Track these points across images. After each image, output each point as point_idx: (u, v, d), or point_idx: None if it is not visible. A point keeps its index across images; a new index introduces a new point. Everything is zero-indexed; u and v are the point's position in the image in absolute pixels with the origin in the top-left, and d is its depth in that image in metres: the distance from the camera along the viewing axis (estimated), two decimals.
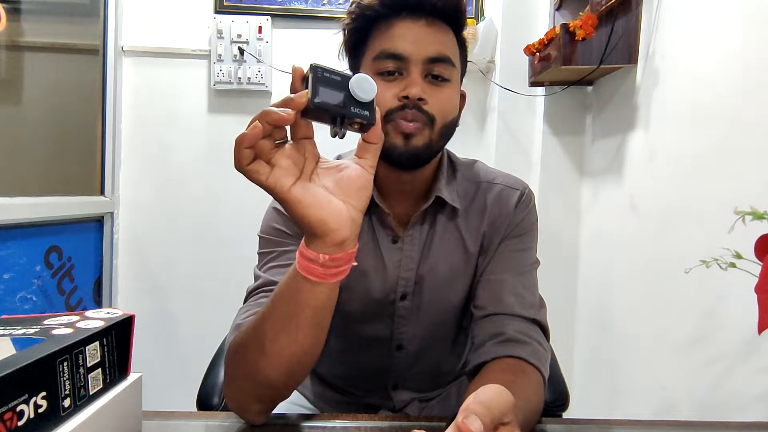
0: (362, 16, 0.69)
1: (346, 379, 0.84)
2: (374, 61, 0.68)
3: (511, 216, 0.75)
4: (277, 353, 0.54)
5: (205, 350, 0.94)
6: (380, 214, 0.74)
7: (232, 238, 1.79)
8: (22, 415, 0.37)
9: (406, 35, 0.67)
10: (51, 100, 1.62)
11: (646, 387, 1.15)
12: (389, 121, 0.66)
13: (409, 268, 0.75)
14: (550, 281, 0.80)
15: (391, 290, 0.75)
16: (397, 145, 0.66)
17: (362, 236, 0.74)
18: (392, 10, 0.68)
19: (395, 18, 0.68)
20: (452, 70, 0.69)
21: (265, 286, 0.68)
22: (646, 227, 1.18)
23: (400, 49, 0.66)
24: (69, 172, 1.67)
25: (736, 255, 0.59)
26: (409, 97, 0.65)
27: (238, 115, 1.79)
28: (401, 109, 0.66)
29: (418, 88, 0.65)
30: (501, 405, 0.38)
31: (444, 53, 0.67)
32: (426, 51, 0.66)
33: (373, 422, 0.60)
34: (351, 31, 0.71)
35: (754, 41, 0.86)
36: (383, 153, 0.64)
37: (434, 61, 0.67)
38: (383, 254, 0.74)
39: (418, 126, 0.66)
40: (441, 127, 0.68)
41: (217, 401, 0.81)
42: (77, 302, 1.55)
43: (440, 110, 0.67)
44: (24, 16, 1.53)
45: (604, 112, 1.44)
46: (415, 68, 0.66)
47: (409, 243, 0.74)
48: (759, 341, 0.79)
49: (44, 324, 0.48)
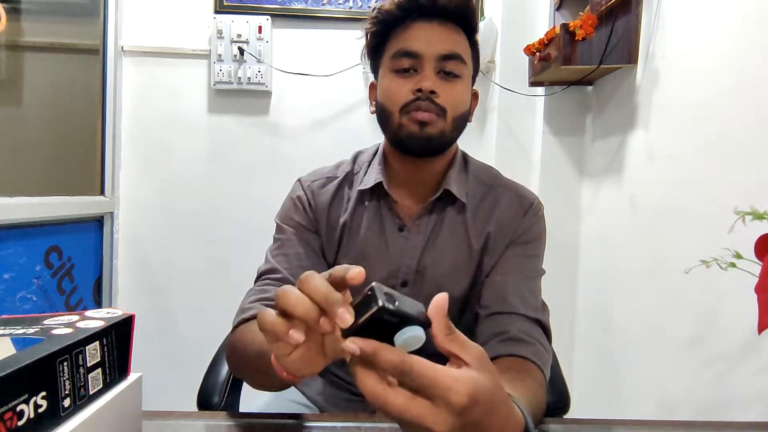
0: (382, 21, 0.76)
1: (343, 365, 0.85)
2: (392, 60, 0.75)
3: (519, 222, 0.78)
4: (255, 381, 0.64)
5: (205, 350, 0.93)
6: (389, 201, 0.79)
7: (232, 237, 1.78)
8: (22, 415, 0.37)
9: (420, 36, 0.73)
10: (51, 100, 1.62)
11: (646, 387, 1.15)
12: (405, 113, 0.73)
13: (412, 256, 0.78)
14: (550, 281, 0.80)
15: (392, 275, 0.78)
16: (412, 131, 0.72)
17: (369, 221, 0.79)
18: (408, 13, 0.74)
19: (411, 21, 0.75)
20: (463, 67, 0.75)
21: (269, 273, 0.76)
22: (646, 227, 1.18)
23: (414, 47, 0.73)
24: (69, 172, 1.67)
25: (736, 255, 0.59)
26: (422, 90, 0.71)
27: (238, 115, 1.79)
28: (414, 101, 0.72)
29: (430, 82, 0.71)
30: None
31: (455, 51, 0.73)
32: (438, 49, 0.73)
33: (373, 422, 0.60)
34: (372, 35, 0.79)
35: (753, 41, 0.86)
36: (399, 141, 0.75)
37: (446, 58, 0.73)
38: (388, 240, 0.78)
39: (432, 116, 0.72)
40: (453, 119, 0.74)
41: (217, 401, 0.81)
42: (77, 302, 1.55)
43: (451, 103, 0.73)
44: (24, 16, 1.53)
45: (604, 112, 1.44)
46: (428, 65, 0.73)
47: (415, 232, 0.78)
48: (759, 341, 0.79)
49: (44, 324, 0.48)
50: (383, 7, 0.75)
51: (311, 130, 1.81)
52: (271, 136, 1.80)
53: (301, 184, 0.83)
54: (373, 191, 0.80)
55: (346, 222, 0.80)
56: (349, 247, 0.80)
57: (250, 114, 1.79)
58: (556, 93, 1.52)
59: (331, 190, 0.81)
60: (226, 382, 0.83)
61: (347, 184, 0.82)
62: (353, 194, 0.81)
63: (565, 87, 1.49)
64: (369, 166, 0.82)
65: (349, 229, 0.80)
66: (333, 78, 1.76)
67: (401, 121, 0.73)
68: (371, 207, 0.80)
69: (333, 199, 0.81)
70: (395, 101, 0.74)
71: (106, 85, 1.67)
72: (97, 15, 1.66)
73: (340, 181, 0.82)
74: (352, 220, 0.80)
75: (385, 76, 0.77)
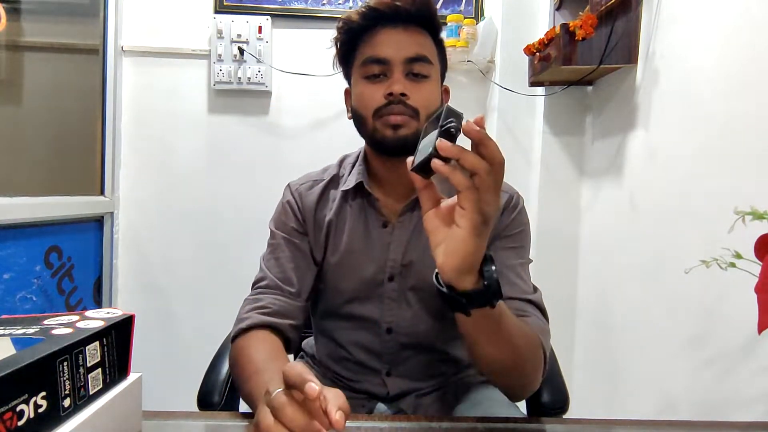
0: (349, 30, 0.80)
1: (340, 361, 0.86)
2: (361, 67, 0.79)
3: (500, 218, 0.81)
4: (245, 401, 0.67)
5: (205, 350, 0.94)
6: (372, 200, 0.82)
7: (232, 237, 1.78)
8: (22, 415, 0.37)
9: (387, 41, 0.77)
10: (51, 100, 1.62)
11: (646, 387, 1.15)
12: (379, 117, 0.76)
13: (397, 251, 0.81)
14: (550, 281, 0.81)
15: (379, 271, 0.81)
16: (387, 135, 0.76)
17: (354, 218, 0.83)
18: (373, 21, 0.78)
19: (376, 28, 0.78)
20: (430, 68, 0.78)
21: (261, 281, 0.81)
22: (646, 227, 1.18)
23: (382, 53, 0.76)
24: (69, 172, 1.67)
25: (736, 255, 0.59)
26: (393, 93, 0.75)
27: (238, 115, 1.79)
28: (387, 105, 0.75)
29: (400, 85, 0.75)
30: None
31: (421, 53, 0.77)
32: (404, 53, 0.76)
33: (373, 422, 0.60)
34: (341, 44, 0.82)
35: (753, 41, 0.86)
36: (376, 144, 0.79)
37: (413, 61, 0.76)
38: (373, 236, 0.82)
39: (405, 118, 0.75)
40: (425, 118, 0.76)
41: (217, 400, 0.81)
42: (77, 302, 1.55)
43: (422, 103, 0.76)
44: (24, 16, 1.52)
45: (604, 112, 1.44)
46: (397, 69, 0.76)
47: (399, 228, 0.81)
48: (759, 341, 0.79)
49: (44, 324, 0.48)
50: (350, 18, 0.79)
51: (311, 130, 1.81)
52: (271, 136, 1.80)
53: (290, 189, 0.87)
54: (357, 191, 0.83)
55: (332, 220, 0.83)
56: (336, 245, 0.82)
57: (250, 114, 1.79)
58: (556, 93, 1.52)
59: (317, 192, 0.85)
60: (226, 381, 0.84)
61: (333, 186, 0.86)
62: (338, 195, 0.84)
63: (565, 87, 1.49)
64: (352, 168, 0.86)
65: (335, 227, 0.83)
66: (333, 78, 1.76)
67: (375, 125, 0.77)
68: (355, 205, 0.83)
69: (319, 200, 0.85)
70: (368, 106, 0.77)
71: (106, 85, 1.67)
72: (97, 15, 1.66)
73: (326, 183, 0.86)
74: (337, 218, 0.83)
75: (357, 83, 0.80)
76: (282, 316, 0.76)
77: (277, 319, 0.76)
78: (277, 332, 0.75)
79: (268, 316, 0.75)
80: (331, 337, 0.87)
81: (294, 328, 0.78)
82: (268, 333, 0.74)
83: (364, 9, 0.78)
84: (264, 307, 0.76)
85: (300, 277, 0.81)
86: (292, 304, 0.79)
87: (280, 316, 0.76)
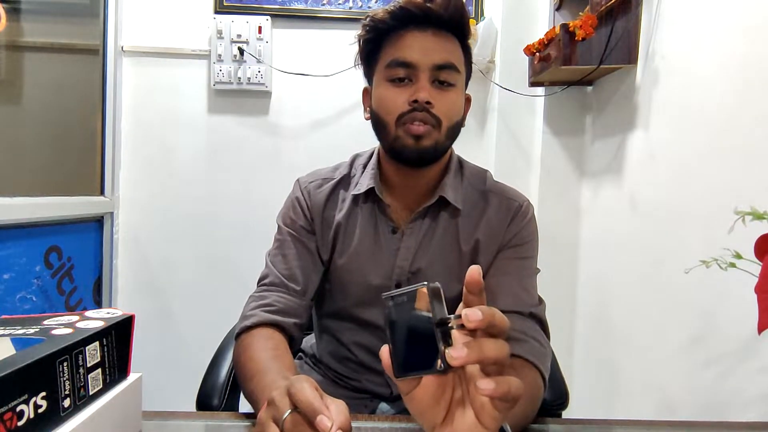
0: (375, 29, 0.76)
1: (342, 361, 0.86)
2: (386, 69, 0.75)
3: (508, 227, 0.80)
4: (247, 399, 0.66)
5: (205, 350, 0.94)
6: (383, 205, 0.81)
7: (232, 237, 1.78)
8: (22, 415, 0.37)
9: (415, 45, 0.73)
10: (51, 100, 1.62)
11: (646, 387, 1.15)
12: (401, 124, 0.73)
13: (405, 257, 0.80)
14: (550, 281, 0.80)
15: (387, 277, 0.80)
16: (407, 145, 0.73)
17: (364, 222, 0.81)
18: (402, 22, 0.74)
19: (404, 30, 0.74)
20: (457, 76, 0.75)
21: (266, 278, 0.80)
22: (646, 227, 1.18)
23: (409, 57, 0.73)
24: (69, 172, 1.67)
25: (736, 255, 0.59)
26: (418, 101, 0.72)
27: (237, 115, 1.79)
28: (411, 112, 0.72)
29: (426, 93, 0.72)
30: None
31: (449, 60, 0.74)
32: (433, 59, 0.73)
33: (373, 422, 0.60)
34: (365, 42, 0.79)
35: (753, 41, 0.86)
36: (395, 152, 0.76)
37: (440, 68, 0.73)
38: (382, 242, 0.80)
39: (428, 128, 0.73)
40: (447, 129, 0.75)
41: (217, 402, 0.80)
42: (77, 302, 1.55)
43: (446, 113, 0.74)
44: (24, 16, 1.52)
45: (604, 112, 1.44)
46: (423, 75, 0.73)
47: (409, 235, 0.80)
48: (759, 341, 0.79)
49: (44, 324, 0.48)
50: (376, 15, 0.75)
51: (311, 130, 1.81)
52: (271, 136, 1.80)
53: (300, 185, 0.86)
54: (367, 195, 0.82)
55: (341, 222, 0.82)
56: (344, 247, 0.82)
57: (250, 114, 1.79)
58: (556, 93, 1.52)
59: (327, 191, 0.84)
60: (225, 382, 0.83)
61: (343, 187, 0.85)
62: (348, 196, 0.83)
63: (565, 87, 1.49)
64: (364, 170, 0.84)
65: (344, 229, 0.82)
66: (333, 78, 1.76)
67: (397, 132, 0.74)
68: (366, 209, 0.82)
69: (328, 199, 0.83)
70: (391, 111, 0.74)
71: (106, 85, 1.67)
72: (97, 15, 1.66)
73: (336, 182, 0.85)
74: (347, 221, 0.82)
75: (379, 85, 0.77)
76: (286, 315, 0.76)
77: (282, 317, 0.75)
78: (282, 330, 0.75)
79: (272, 314, 0.75)
80: (335, 336, 0.86)
81: (298, 326, 0.78)
82: (273, 331, 0.74)
83: (394, 8, 0.74)
84: (269, 305, 0.76)
85: (305, 275, 0.80)
86: (297, 302, 0.78)
87: (284, 315, 0.76)
